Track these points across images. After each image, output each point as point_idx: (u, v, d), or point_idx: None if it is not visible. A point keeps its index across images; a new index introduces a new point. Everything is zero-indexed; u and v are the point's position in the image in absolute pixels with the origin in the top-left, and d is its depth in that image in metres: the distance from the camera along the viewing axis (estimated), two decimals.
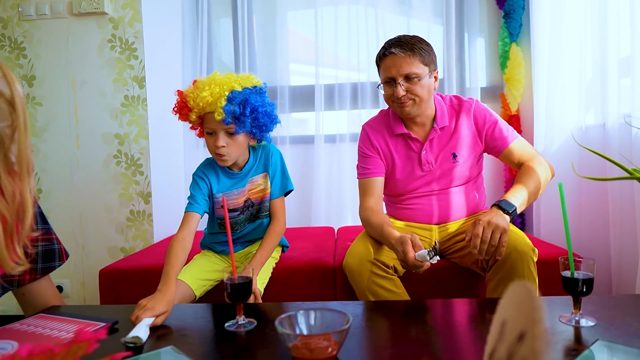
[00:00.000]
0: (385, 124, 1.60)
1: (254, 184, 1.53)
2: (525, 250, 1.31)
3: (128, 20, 2.26)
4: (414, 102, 1.47)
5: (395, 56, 1.43)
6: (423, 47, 1.45)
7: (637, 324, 0.93)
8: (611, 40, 1.77)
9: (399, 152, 1.57)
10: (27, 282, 1.18)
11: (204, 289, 1.51)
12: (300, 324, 0.89)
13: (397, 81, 1.44)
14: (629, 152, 1.63)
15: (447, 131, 1.54)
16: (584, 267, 0.96)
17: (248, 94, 1.37)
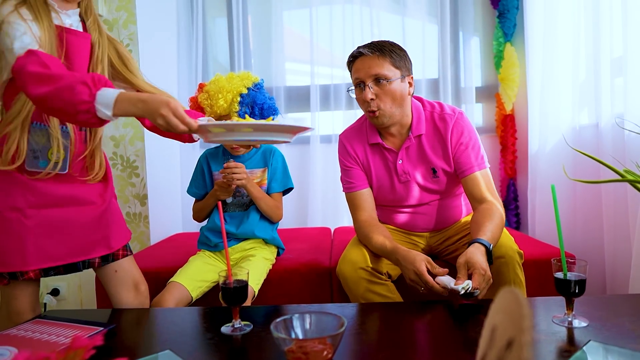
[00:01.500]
0: (362, 133, 1.54)
1: (253, 175, 1.63)
2: (511, 254, 1.30)
3: (122, 23, 2.26)
4: (384, 112, 1.39)
5: (364, 57, 1.38)
6: (395, 50, 1.39)
7: (629, 324, 0.94)
8: (604, 40, 1.78)
9: (376, 162, 1.51)
10: (120, 257, 1.33)
11: (200, 291, 1.51)
12: (295, 327, 0.89)
13: (366, 83, 1.37)
14: (622, 151, 1.64)
15: (423, 140, 1.46)
16: (577, 268, 0.97)
17: (254, 95, 1.52)
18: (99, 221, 1.26)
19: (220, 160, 1.68)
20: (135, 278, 1.37)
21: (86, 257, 1.25)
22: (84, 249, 1.24)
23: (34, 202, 1.15)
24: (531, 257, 1.61)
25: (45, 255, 1.17)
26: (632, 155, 1.56)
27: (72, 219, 1.20)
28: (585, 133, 1.94)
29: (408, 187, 1.50)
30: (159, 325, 1.12)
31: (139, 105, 0.97)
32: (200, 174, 1.70)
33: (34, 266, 1.16)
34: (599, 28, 1.80)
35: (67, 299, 2.36)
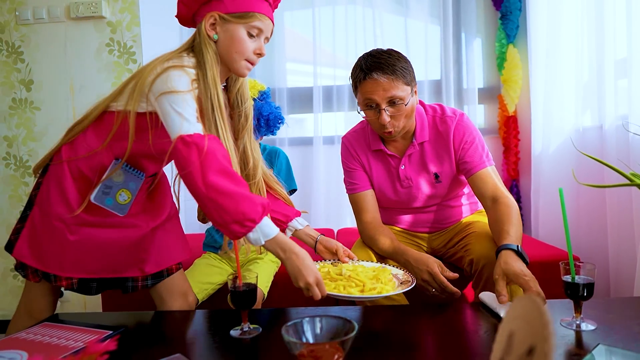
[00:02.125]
0: (364, 138, 1.54)
1: None
2: None
3: (126, 24, 2.26)
4: (398, 130, 1.40)
5: (376, 82, 1.33)
6: (403, 65, 1.36)
7: (636, 327, 0.95)
8: (608, 42, 1.78)
9: (378, 167, 1.52)
10: (174, 271, 1.33)
11: (206, 293, 1.52)
12: (306, 331, 0.90)
13: (382, 107, 1.35)
14: (626, 153, 1.64)
15: (426, 146, 1.47)
16: (584, 271, 0.98)
17: (261, 105, 1.54)
18: (137, 245, 1.24)
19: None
20: (184, 288, 1.36)
21: (117, 275, 1.25)
22: (116, 268, 1.24)
23: (80, 220, 1.16)
24: (536, 259, 1.61)
25: (80, 268, 1.19)
26: (637, 156, 1.56)
27: (111, 239, 1.20)
28: (589, 135, 1.95)
29: (410, 192, 1.51)
30: (168, 329, 1.12)
31: (289, 256, 1.04)
32: None
33: (69, 273, 1.17)
34: (602, 29, 1.80)
35: (71, 300, 2.36)
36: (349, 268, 1.13)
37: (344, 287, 1.02)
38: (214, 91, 1.08)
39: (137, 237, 1.23)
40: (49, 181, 1.17)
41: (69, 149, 1.17)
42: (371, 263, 1.23)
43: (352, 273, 1.07)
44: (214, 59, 1.11)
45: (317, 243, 1.31)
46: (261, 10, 1.13)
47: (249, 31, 1.13)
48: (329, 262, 1.24)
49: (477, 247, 1.36)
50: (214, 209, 0.97)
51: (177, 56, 1.12)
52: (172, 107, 1.02)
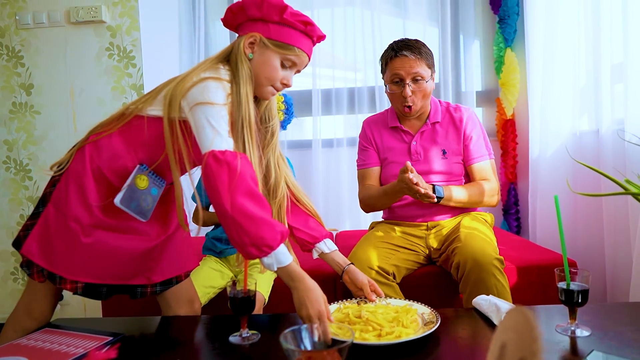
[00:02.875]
0: (383, 119, 1.75)
1: None
2: (487, 260, 1.34)
3: (126, 29, 2.27)
4: (416, 106, 1.60)
5: (405, 58, 1.56)
6: (427, 51, 1.60)
7: (630, 333, 0.96)
8: (604, 46, 1.79)
9: (392, 143, 1.70)
10: (183, 278, 1.33)
11: (207, 297, 1.53)
12: (304, 339, 0.91)
13: (406, 81, 1.56)
14: (622, 158, 1.65)
15: (438, 127, 1.67)
16: (579, 278, 0.99)
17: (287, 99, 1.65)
18: (147, 254, 1.24)
19: None
20: (190, 295, 1.36)
21: (124, 282, 1.24)
22: (124, 275, 1.23)
23: (96, 222, 1.15)
24: (532, 263, 1.63)
25: (88, 272, 1.17)
26: (633, 161, 1.57)
27: (122, 246, 1.19)
28: (585, 139, 1.96)
29: (419, 166, 1.63)
30: (167, 335, 1.13)
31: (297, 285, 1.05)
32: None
33: (76, 277, 1.15)
34: (599, 34, 1.81)
35: (71, 303, 2.37)
36: (370, 309, 1.06)
37: (359, 332, 0.99)
38: (246, 107, 1.08)
39: (147, 247, 1.22)
40: (69, 180, 1.14)
41: (93, 150, 1.14)
42: (397, 301, 1.17)
43: (371, 316, 1.01)
44: (249, 75, 1.12)
45: (344, 273, 1.28)
46: (302, 46, 1.15)
47: (283, 62, 1.14)
48: (355, 301, 1.18)
49: (463, 250, 1.40)
50: (235, 229, 0.98)
51: (215, 67, 1.12)
52: (207, 119, 1.02)
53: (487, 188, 1.61)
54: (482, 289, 1.33)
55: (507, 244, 1.89)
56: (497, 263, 1.36)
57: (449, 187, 1.56)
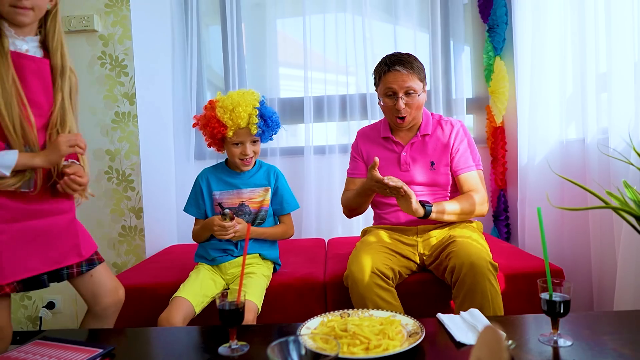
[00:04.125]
0: (375, 130, 1.81)
1: (255, 194, 1.70)
2: (482, 264, 1.38)
3: (118, 38, 2.28)
4: (409, 118, 1.66)
5: (398, 73, 1.61)
6: (419, 65, 1.66)
7: (611, 342, 0.98)
8: (589, 56, 1.82)
9: (382, 153, 1.73)
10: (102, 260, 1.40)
11: (202, 306, 1.54)
12: (291, 350, 0.92)
13: (399, 95, 1.62)
14: (607, 166, 1.68)
15: (428, 139, 1.72)
16: (562, 289, 1.01)
17: (265, 108, 1.63)
18: (68, 229, 1.30)
19: (221, 178, 1.70)
20: (113, 282, 1.41)
21: (60, 265, 1.28)
22: (57, 258, 1.27)
23: (6, 217, 1.18)
24: (519, 270, 1.65)
25: (20, 267, 1.20)
26: (618, 169, 1.60)
27: (44, 229, 1.24)
28: (572, 148, 1.99)
29: (407, 176, 1.69)
30: (157, 346, 1.14)
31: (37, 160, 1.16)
32: (200, 194, 1.71)
33: (10, 279, 1.17)
34: (584, 44, 1.84)
35: (63, 311, 2.37)
36: (355, 322, 1.06)
37: (347, 346, 1.00)
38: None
39: (65, 223, 1.28)
40: None
41: None
42: (380, 312, 1.18)
43: (357, 329, 1.01)
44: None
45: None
46: None
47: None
48: (337, 313, 1.18)
49: (460, 254, 1.42)
50: None
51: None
52: None
53: (477, 198, 1.65)
54: (477, 293, 1.36)
55: (496, 250, 1.91)
56: (492, 268, 1.40)
57: (441, 202, 1.61)
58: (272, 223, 1.73)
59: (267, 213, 1.69)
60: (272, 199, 1.71)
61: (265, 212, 1.69)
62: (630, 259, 1.51)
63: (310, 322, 1.12)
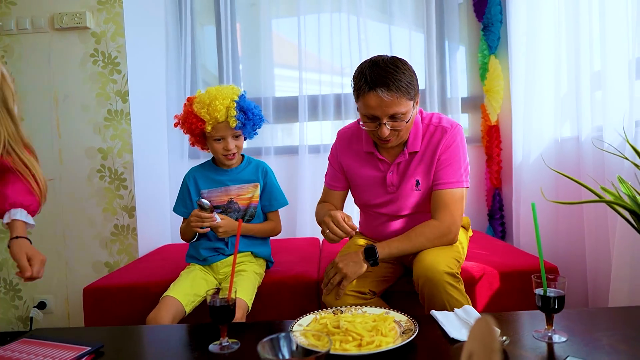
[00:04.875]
0: (357, 137, 1.57)
1: (244, 190, 1.66)
2: (437, 277, 1.28)
3: (111, 35, 2.26)
4: (396, 140, 1.43)
5: (380, 98, 1.31)
6: (409, 80, 1.34)
7: (606, 338, 0.97)
8: (584, 54, 1.82)
9: (365, 168, 1.55)
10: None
11: (192, 305, 1.52)
12: (282, 347, 0.91)
13: (382, 122, 1.36)
14: (601, 163, 1.68)
15: (415, 157, 1.49)
16: (556, 284, 1.00)
17: (245, 101, 1.59)
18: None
19: (207, 176, 1.68)
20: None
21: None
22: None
23: None
24: (514, 268, 1.64)
25: None
26: (611, 167, 1.60)
27: None
28: (566, 146, 1.98)
29: (394, 199, 1.53)
30: (147, 344, 1.12)
31: None
32: (187, 193, 1.69)
33: None
34: (579, 42, 1.84)
35: (54, 312, 2.34)
36: (348, 319, 1.04)
37: (339, 343, 0.98)
38: None
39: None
40: None
41: None
42: (374, 309, 1.16)
43: (350, 325, 1.00)
44: None
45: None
46: None
47: None
48: (330, 310, 1.16)
49: (416, 267, 1.35)
50: None
51: None
52: None
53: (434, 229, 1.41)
54: (437, 304, 1.29)
55: (491, 249, 1.91)
56: (448, 278, 1.29)
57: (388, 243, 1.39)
58: (261, 220, 1.71)
59: (256, 210, 1.67)
60: (260, 195, 1.69)
61: (254, 208, 1.67)
62: (624, 256, 1.50)
63: (303, 320, 1.11)
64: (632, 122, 1.53)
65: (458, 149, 1.46)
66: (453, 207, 1.43)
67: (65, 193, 2.30)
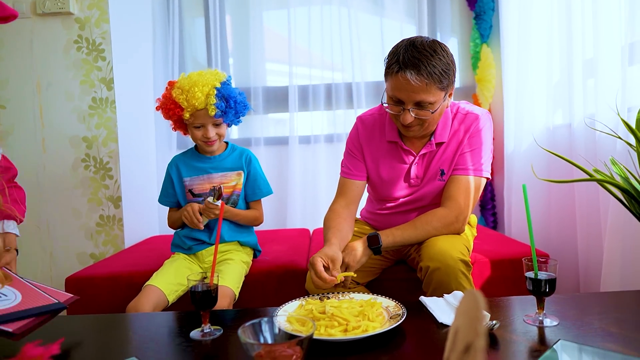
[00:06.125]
0: (380, 124, 1.46)
1: (227, 178, 1.62)
2: (451, 264, 1.21)
3: (95, 21, 2.20)
4: (420, 129, 1.32)
5: (408, 81, 1.21)
6: (444, 68, 1.23)
7: (597, 322, 0.95)
8: (576, 42, 1.80)
9: (387, 158, 1.42)
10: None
11: (176, 295, 1.48)
12: (264, 332, 0.87)
13: (406, 107, 1.26)
14: (593, 150, 1.66)
15: (442, 146, 1.39)
16: (547, 267, 0.98)
17: (227, 88, 1.53)
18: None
19: (190, 164, 1.64)
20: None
21: None
22: None
23: None
24: (505, 256, 1.62)
25: None
26: (603, 153, 1.58)
27: None
28: (558, 133, 1.97)
29: (417, 192, 1.43)
30: (128, 332, 1.09)
31: None
32: (170, 183, 1.65)
33: None
34: (571, 30, 1.82)
35: None
36: (334, 304, 1.02)
37: (325, 328, 0.93)
38: None
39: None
40: None
41: None
42: (362, 295, 1.13)
43: (336, 311, 0.97)
44: None
45: None
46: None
47: None
48: (317, 297, 1.13)
49: (426, 253, 1.27)
50: None
51: None
52: None
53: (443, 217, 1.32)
54: (443, 291, 1.20)
55: (483, 238, 1.88)
56: (461, 266, 1.22)
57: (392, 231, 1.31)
58: (244, 208, 1.66)
59: (239, 197, 1.63)
60: (244, 183, 1.64)
61: (237, 196, 1.62)
62: (616, 240, 1.49)
63: (288, 305, 1.08)
64: (624, 108, 1.52)
65: (484, 136, 1.37)
66: (464, 196, 1.34)
67: (49, 183, 2.25)
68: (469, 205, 1.36)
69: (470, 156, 1.36)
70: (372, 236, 1.29)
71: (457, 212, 1.33)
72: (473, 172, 1.36)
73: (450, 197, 1.35)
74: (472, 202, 1.36)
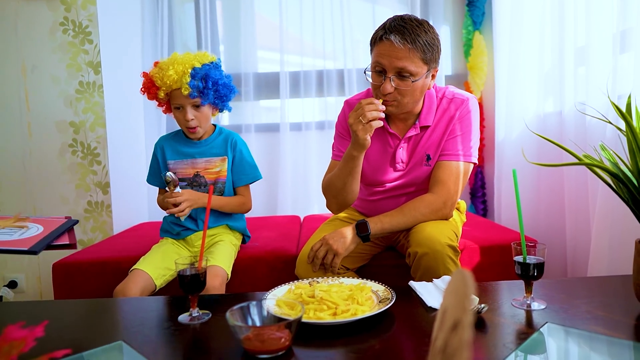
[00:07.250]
0: None
1: (211, 163, 1.59)
2: (439, 249, 1.21)
3: (81, 3, 2.15)
4: (398, 104, 1.30)
5: (392, 45, 1.22)
6: (428, 40, 1.24)
7: (584, 306, 0.96)
8: (568, 30, 1.80)
9: (373, 141, 1.37)
10: None
11: (164, 279, 1.47)
12: (253, 315, 0.87)
13: (388, 75, 1.25)
14: (583, 137, 1.67)
15: (427, 131, 1.39)
16: (536, 251, 0.98)
17: (208, 69, 1.51)
18: None
19: (175, 147, 1.61)
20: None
21: None
22: None
23: None
24: (495, 242, 1.63)
25: None
26: (593, 140, 1.59)
27: None
28: (549, 120, 1.97)
29: (402, 177, 1.44)
30: (115, 316, 1.08)
31: None
32: (156, 163, 1.64)
33: None
34: (563, 18, 1.81)
35: (26, 291, 2.27)
36: (323, 289, 1.01)
37: (314, 312, 0.92)
38: None
39: None
40: None
41: None
42: (351, 280, 1.12)
43: (325, 294, 0.97)
44: None
45: None
46: None
47: None
48: (307, 281, 1.12)
49: (415, 238, 1.27)
50: None
51: None
52: None
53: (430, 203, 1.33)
54: (431, 276, 1.21)
55: (472, 225, 1.89)
56: (449, 252, 1.22)
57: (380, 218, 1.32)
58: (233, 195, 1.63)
59: (224, 185, 1.59)
60: (231, 168, 1.60)
61: (222, 184, 1.59)
62: (604, 227, 1.50)
63: (277, 290, 1.07)
64: (615, 96, 1.52)
65: (471, 121, 1.37)
66: (453, 181, 1.34)
67: (35, 169, 2.21)
68: (458, 191, 1.37)
69: (460, 141, 1.36)
70: (361, 223, 1.30)
71: (445, 198, 1.34)
72: (463, 157, 1.37)
73: (438, 183, 1.35)
74: (460, 188, 1.37)
